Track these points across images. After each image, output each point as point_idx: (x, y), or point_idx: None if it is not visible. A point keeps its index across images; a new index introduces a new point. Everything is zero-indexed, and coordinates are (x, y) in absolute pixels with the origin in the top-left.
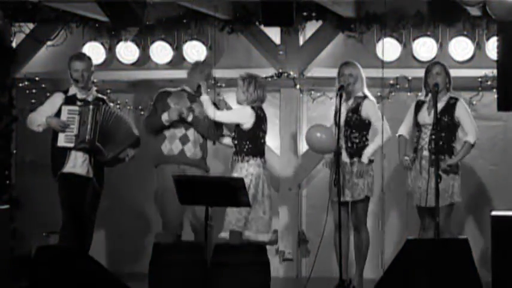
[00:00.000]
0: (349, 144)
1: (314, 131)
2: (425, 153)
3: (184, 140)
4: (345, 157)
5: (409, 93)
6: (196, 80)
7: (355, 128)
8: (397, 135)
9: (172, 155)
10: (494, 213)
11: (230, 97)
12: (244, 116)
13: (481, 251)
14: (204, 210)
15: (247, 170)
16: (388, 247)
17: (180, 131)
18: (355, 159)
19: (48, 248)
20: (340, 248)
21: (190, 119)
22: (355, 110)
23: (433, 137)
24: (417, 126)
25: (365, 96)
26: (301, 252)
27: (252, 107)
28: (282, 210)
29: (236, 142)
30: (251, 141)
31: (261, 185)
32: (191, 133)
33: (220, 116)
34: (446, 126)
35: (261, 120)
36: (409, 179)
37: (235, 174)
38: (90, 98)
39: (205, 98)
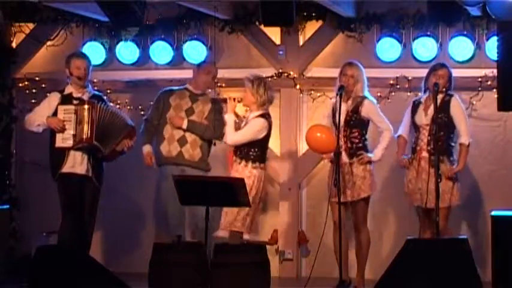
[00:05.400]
0: (349, 145)
1: (314, 131)
2: (424, 154)
3: (182, 141)
4: (344, 157)
5: (409, 93)
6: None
7: (355, 128)
8: (395, 136)
9: (170, 156)
10: (494, 213)
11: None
12: (260, 132)
13: (480, 251)
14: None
15: (250, 172)
16: (388, 247)
17: (178, 133)
18: (355, 159)
19: (48, 248)
20: (340, 248)
21: (185, 126)
22: (355, 110)
23: (430, 137)
24: (415, 127)
25: (364, 97)
26: (301, 252)
27: (264, 117)
28: (282, 210)
29: (243, 147)
30: (259, 149)
31: (261, 187)
32: (189, 134)
33: (238, 139)
34: (443, 125)
35: (271, 128)
36: (406, 179)
37: (236, 174)
38: (86, 97)
39: (229, 119)
